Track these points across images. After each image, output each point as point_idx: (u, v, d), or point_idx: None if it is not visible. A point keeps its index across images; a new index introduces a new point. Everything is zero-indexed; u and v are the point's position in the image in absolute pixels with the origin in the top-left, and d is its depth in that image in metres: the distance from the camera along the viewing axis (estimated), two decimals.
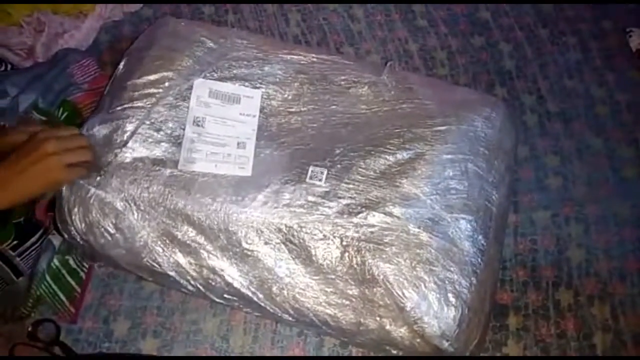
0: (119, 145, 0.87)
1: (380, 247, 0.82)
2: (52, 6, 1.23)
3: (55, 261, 0.95)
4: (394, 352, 0.86)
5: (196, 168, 0.87)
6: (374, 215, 0.84)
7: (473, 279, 0.82)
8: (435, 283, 0.80)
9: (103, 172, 0.85)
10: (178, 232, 0.85)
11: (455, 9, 1.37)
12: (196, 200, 0.85)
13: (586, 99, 1.25)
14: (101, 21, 1.28)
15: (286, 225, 0.83)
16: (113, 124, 0.88)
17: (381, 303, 0.81)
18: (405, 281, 0.80)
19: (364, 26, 1.35)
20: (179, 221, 0.85)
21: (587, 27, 1.35)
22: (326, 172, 0.87)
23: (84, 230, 0.85)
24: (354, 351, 0.98)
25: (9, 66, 1.17)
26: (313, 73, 0.99)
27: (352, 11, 1.36)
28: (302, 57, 1.00)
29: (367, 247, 0.82)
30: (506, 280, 1.05)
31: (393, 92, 0.97)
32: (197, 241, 0.85)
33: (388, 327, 0.82)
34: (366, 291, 0.82)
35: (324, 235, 0.83)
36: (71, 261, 0.98)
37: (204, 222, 0.84)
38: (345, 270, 0.82)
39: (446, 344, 0.80)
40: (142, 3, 1.34)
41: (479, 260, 0.84)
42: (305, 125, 0.94)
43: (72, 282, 0.98)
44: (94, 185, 0.84)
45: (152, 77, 0.92)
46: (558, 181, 1.15)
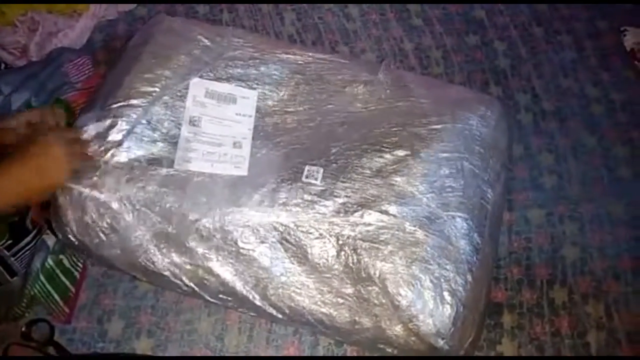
0: (115, 144, 0.86)
1: (376, 246, 0.82)
2: (47, 5, 1.23)
3: (49, 261, 0.95)
4: (389, 351, 0.86)
5: (192, 167, 0.87)
6: (370, 213, 0.83)
7: (468, 277, 0.83)
8: (430, 281, 0.81)
9: (98, 172, 0.84)
10: (173, 232, 0.84)
11: (450, 8, 1.37)
12: (192, 199, 0.84)
13: (581, 98, 1.26)
14: (95, 20, 1.27)
15: (282, 224, 0.83)
16: (108, 122, 0.87)
17: (376, 302, 0.81)
18: (400, 279, 0.80)
19: (359, 25, 1.35)
20: (174, 220, 0.84)
21: (582, 26, 1.36)
22: (322, 171, 0.87)
23: (79, 230, 0.85)
24: (349, 350, 0.98)
25: (3, 65, 1.16)
26: (309, 73, 0.99)
27: (347, 10, 1.36)
28: (298, 57, 1.00)
29: (363, 246, 0.82)
30: (501, 278, 1.05)
31: (389, 91, 0.97)
32: (193, 240, 0.84)
33: (383, 326, 0.82)
34: (362, 290, 0.82)
35: (320, 234, 0.83)
36: (65, 261, 0.97)
37: (200, 222, 0.84)
38: (341, 269, 0.82)
39: (441, 342, 0.80)
40: (137, 3, 1.33)
41: (475, 258, 0.84)
42: (301, 124, 0.94)
43: (66, 282, 0.97)
44: (89, 185, 0.84)
45: (148, 75, 0.92)
46: (553, 180, 1.16)
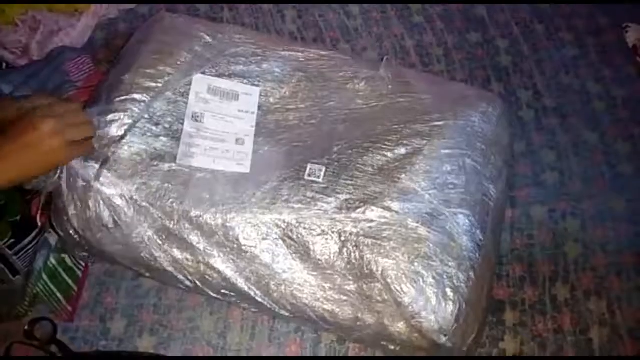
0: (117, 138, 0.86)
1: (378, 242, 0.82)
2: (48, 4, 1.23)
3: (51, 259, 0.95)
4: (392, 348, 0.86)
5: (194, 163, 0.87)
6: (373, 210, 0.83)
7: (471, 274, 0.82)
8: (433, 278, 0.80)
9: (101, 166, 0.84)
10: (175, 227, 0.84)
11: (451, 6, 1.37)
12: (194, 195, 0.84)
13: (582, 95, 1.26)
14: (96, 19, 1.27)
15: (284, 220, 0.83)
16: (111, 116, 0.87)
17: (379, 298, 0.81)
18: (403, 276, 0.80)
19: (360, 23, 1.35)
20: (177, 216, 0.84)
21: (584, 23, 1.36)
22: (324, 170, 0.87)
23: (81, 225, 0.85)
24: (351, 347, 0.98)
25: (4, 65, 1.17)
26: (311, 70, 0.98)
27: (348, 8, 1.36)
28: (300, 54, 1.00)
29: (366, 242, 0.82)
30: (503, 275, 1.05)
31: (390, 87, 0.97)
32: (195, 236, 0.84)
33: (386, 322, 0.82)
34: (364, 286, 0.82)
35: (322, 230, 0.83)
36: (68, 259, 0.98)
37: (202, 218, 0.84)
38: (343, 265, 0.82)
39: (444, 339, 0.80)
40: (138, 2, 1.33)
41: (477, 255, 0.84)
42: (303, 122, 0.94)
43: (69, 281, 0.97)
44: (92, 179, 0.84)
45: (150, 71, 0.91)
46: (554, 176, 1.16)
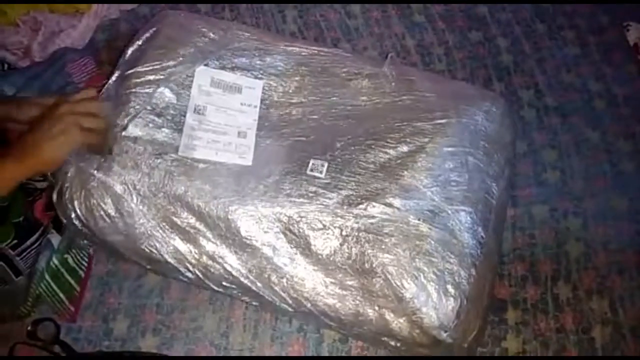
0: (120, 129, 0.86)
1: (379, 238, 0.82)
2: (49, 5, 1.23)
3: (54, 260, 0.95)
4: (393, 344, 0.86)
5: (197, 155, 0.87)
6: (374, 206, 0.84)
7: (472, 271, 0.82)
8: (434, 274, 0.81)
9: (105, 156, 0.85)
10: (177, 219, 0.85)
11: (452, 5, 1.37)
12: (196, 187, 0.85)
13: (584, 93, 1.26)
14: (98, 20, 1.27)
15: (286, 214, 0.84)
16: (116, 110, 0.88)
17: (380, 293, 0.81)
18: (404, 272, 0.80)
19: (361, 22, 1.35)
20: (179, 208, 0.85)
21: (585, 22, 1.36)
22: (327, 165, 0.87)
23: (84, 213, 0.85)
24: (354, 347, 0.98)
25: (6, 66, 1.17)
26: (314, 65, 0.98)
27: (349, 7, 1.36)
28: (303, 49, 1.00)
29: (367, 238, 0.82)
30: (505, 274, 1.05)
31: (394, 85, 0.97)
32: (197, 228, 0.85)
33: (387, 318, 0.82)
34: (365, 281, 0.82)
35: (324, 225, 0.83)
36: (70, 260, 0.98)
37: (204, 210, 0.84)
38: (344, 260, 0.83)
39: (444, 335, 0.80)
40: (139, 3, 1.34)
41: (479, 252, 0.84)
42: (306, 116, 0.94)
43: (72, 281, 0.98)
44: (96, 168, 0.84)
45: (154, 66, 0.92)
46: (556, 175, 1.15)
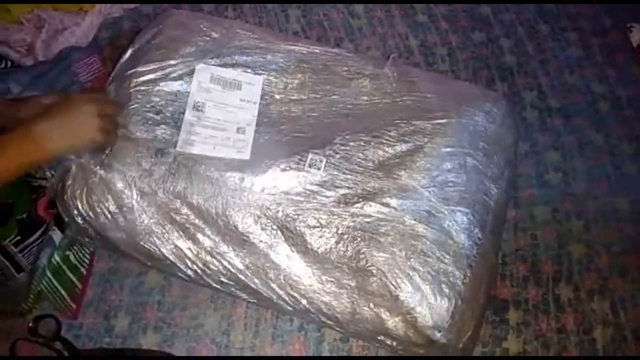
0: (121, 126, 0.87)
1: (375, 237, 0.82)
2: (53, 3, 1.23)
3: (56, 257, 0.95)
4: (389, 343, 0.86)
5: (194, 150, 0.87)
6: (371, 205, 0.84)
7: (468, 272, 0.82)
8: (429, 274, 0.81)
9: (107, 153, 0.85)
10: (177, 215, 0.85)
11: (455, 5, 1.37)
12: (196, 184, 0.85)
13: (587, 95, 1.25)
14: (101, 18, 1.28)
15: (283, 212, 0.84)
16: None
17: (376, 292, 0.81)
18: (399, 271, 0.80)
19: (364, 22, 1.35)
20: (179, 204, 0.85)
21: (589, 23, 1.35)
22: (325, 161, 0.87)
23: (85, 209, 0.85)
24: (355, 346, 0.98)
25: (9, 63, 1.17)
26: (315, 63, 0.98)
27: (352, 7, 1.36)
28: (305, 48, 1.00)
29: (363, 237, 0.82)
30: (506, 275, 1.05)
31: (394, 85, 0.97)
32: (196, 224, 0.85)
33: (382, 316, 0.82)
34: (361, 280, 0.82)
35: (320, 223, 0.83)
36: (72, 257, 0.98)
37: (203, 206, 0.84)
38: (340, 258, 0.83)
39: (438, 335, 0.80)
40: (142, 2, 1.34)
41: (475, 253, 0.84)
42: (305, 113, 0.93)
43: (73, 278, 0.98)
44: (98, 165, 0.85)
45: (155, 65, 0.92)
46: (558, 177, 1.15)
